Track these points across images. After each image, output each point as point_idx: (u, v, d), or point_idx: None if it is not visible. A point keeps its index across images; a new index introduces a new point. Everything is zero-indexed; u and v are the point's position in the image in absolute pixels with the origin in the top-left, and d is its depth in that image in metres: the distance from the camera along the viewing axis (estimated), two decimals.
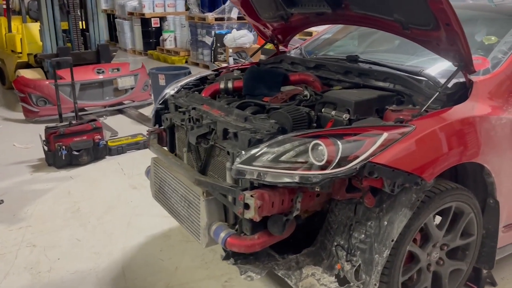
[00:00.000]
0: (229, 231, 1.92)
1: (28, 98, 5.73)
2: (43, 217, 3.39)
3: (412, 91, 2.13)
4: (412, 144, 1.73)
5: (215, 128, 2.07)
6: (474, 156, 1.91)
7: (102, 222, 3.32)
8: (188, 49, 10.07)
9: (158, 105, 2.62)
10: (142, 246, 3.01)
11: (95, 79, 6.01)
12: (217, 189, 1.89)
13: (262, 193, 1.77)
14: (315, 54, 3.02)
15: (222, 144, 1.99)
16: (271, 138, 1.82)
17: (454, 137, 1.85)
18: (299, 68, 2.73)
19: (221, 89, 2.53)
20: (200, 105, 2.27)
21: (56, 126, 4.31)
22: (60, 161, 4.26)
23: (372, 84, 2.29)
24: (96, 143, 4.43)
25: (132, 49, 12.08)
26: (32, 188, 3.92)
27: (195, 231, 2.08)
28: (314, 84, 2.47)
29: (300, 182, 1.69)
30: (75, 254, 2.92)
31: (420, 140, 1.74)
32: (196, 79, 2.84)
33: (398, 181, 1.70)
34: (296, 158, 1.74)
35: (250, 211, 1.76)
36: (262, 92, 2.41)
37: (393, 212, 1.79)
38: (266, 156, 1.76)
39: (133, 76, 6.34)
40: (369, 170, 1.67)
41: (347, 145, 1.69)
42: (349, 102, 2.01)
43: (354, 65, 2.46)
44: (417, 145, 1.73)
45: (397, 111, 2.01)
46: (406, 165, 1.70)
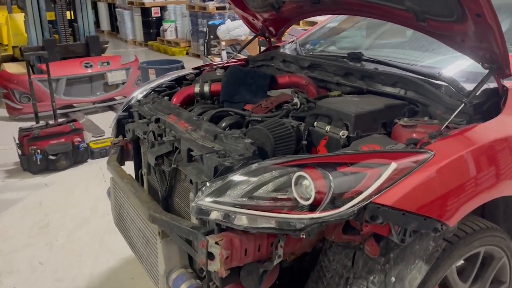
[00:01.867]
0: (191, 283, 1.51)
1: (11, 94, 5.36)
2: (6, 234, 3.01)
3: (428, 99, 1.69)
4: (430, 178, 1.28)
5: (179, 146, 1.64)
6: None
7: (71, 240, 2.93)
8: (189, 40, 9.63)
9: (120, 113, 2.20)
10: (112, 272, 2.62)
11: (82, 73, 5.61)
12: (175, 229, 1.47)
13: (231, 238, 1.34)
14: (312, 50, 2.56)
15: (186, 169, 1.57)
16: (244, 165, 1.40)
17: (486, 165, 1.41)
18: (291, 67, 2.29)
19: (196, 94, 2.10)
20: (166, 115, 1.85)
21: (31, 127, 3.92)
22: (35, 166, 3.88)
23: (378, 89, 1.85)
24: (75, 146, 4.04)
25: (132, 39, 11.67)
26: (2, 197, 3.54)
27: (154, 276, 1.67)
28: (308, 88, 2.04)
29: (280, 227, 1.27)
30: (34, 281, 2.53)
31: (441, 172, 1.30)
32: (171, 80, 2.41)
33: (410, 228, 1.27)
34: (276, 193, 1.31)
35: (215, 263, 1.34)
36: (244, 98, 1.98)
37: (403, 265, 1.36)
38: (236, 190, 1.33)
39: (124, 70, 5.92)
40: (372, 213, 1.23)
41: (342, 179, 1.26)
42: (348, 114, 1.57)
43: (356, 64, 2.02)
44: (436, 178, 1.29)
45: (409, 126, 1.57)
46: (422, 206, 1.26)
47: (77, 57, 5.85)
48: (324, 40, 2.88)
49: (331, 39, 2.89)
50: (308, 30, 3.00)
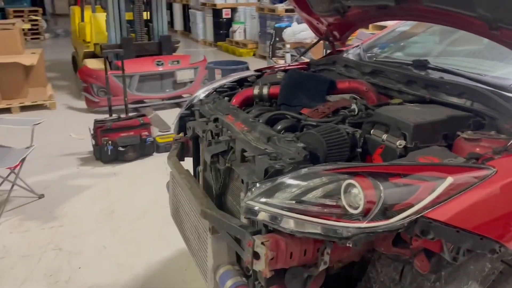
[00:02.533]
0: (237, 280, 1.54)
1: (90, 88, 5.77)
2: (77, 218, 3.26)
3: (496, 112, 1.59)
4: (490, 196, 1.21)
5: (234, 146, 1.69)
6: None
7: (133, 229, 3.11)
8: (256, 41, 9.77)
9: (183, 111, 2.30)
10: (168, 262, 2.74)
11: (154, 71, 5.91)
12: (224, 226, 1.51)
13: (277, 240, 1.36)
14: (376, 56, 2.50)
15: (239, 169, 1.61)
16: (295, 169, 1.40)
17: None
18: (353, 72, 2.25)
19: (255, 96, 2.14)
20: (225, 115, 1.90)
21: (104, 120, 4.20)
22: (106, 156, 4.15)
23: (442, 99, 1.77)
24: (143, 139, 4.27)
25: (203, 40, 12.05)
26: (75, 183, 3.83)
27: (203, 270, 1.73)
28: (368, 95, 1.99)
29: (325, 234, 1.26)
30: (97, 263, 2.72)
31: (502, 191, 1.22)
32: (233, 81, 2.47)
33: (464, 246, 1.21)
34: (324, 199, 1.30)
35: (260, 263, 1.36)
36: (301, 102, 1.98)
37: (455, 285, 1.30)
38: (285, 193, 1.35)
39: (193, 70, 6.15)
40: (423, 228, 1.19)
41: (393, 190, 1.23)
42: (407, 124, 1.52)
43: (421, 72, 1.94)
44: (497, 197, 1.22)
45: (473, 140, 1.49)
46: (479, 225, 1.20)
47: (150, 55, 6.15)
48: (393, 44, 2.79)
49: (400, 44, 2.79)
50: (375, 35, 2.92)
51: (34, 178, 3.77)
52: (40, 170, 4.03)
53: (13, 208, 3.36)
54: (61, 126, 5.27)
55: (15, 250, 2.84)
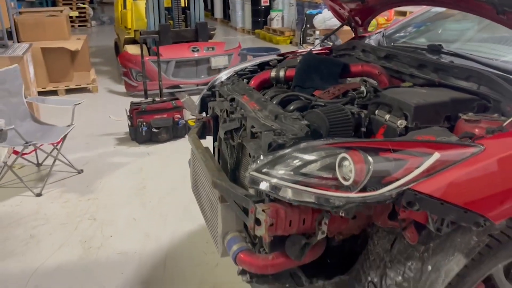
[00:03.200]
0: (242, 245, 1.68)
1: (129, 73, 6.04)
2: (111, 192, 3.50)
3: (501, 95, 1.62)
4: (475, 172, 1.27)
5: (245, 123, 1.81)
6: None
7: (161, 204, 3.31)
8: (293, 29, 9.78)
9: (205, 92, 2.44)
10: (190, 235, 2.92)
11: (190, 57, 6.09)
12: (231, 195, 1.65)
13: (277, 209, 1.48)
14: (395, 41, 2.53)
15: (248, 144, 1.73)
16: (296, 144, 1.51)
17: None
18: (369, 57, 2.31)
19: (272, 78, 2.24)
20: (240, 96, 2.03)
21: (140, 102, 4.43)
22: (141, 136, 4.39)
23: (450, 82, 1.81)
24: (175, 121, 4.47)
25: (241, 27, 12.19)
26: (111, 161, 4.09)
27: (214, 236, 1.88)
28: (380, 78, 2.06)
29: (319, 203, 1.37)
30: (127, 233, 2.94)
31: (488, 167, 1.27)
32: (254, 65, 2.58)
33: (448, 218, 1.27)
34: (321, 172, 1.41)
35: (260, 228, 1.48)
36: (315, 84, 2.07)
37: (441, 255, 1.37)
38: (285, 165, 1.46)
39: (227, 56, 6.29)
40: (409, 199, 1.27)
41: (382, 164, 1.31)
42: (408, 105, 1.59)
43: (432, 57, 1.98)
44: (482, 173, 1.27)
45: (472, 121, 1.53)
46: (463, 198, 1.26)
47: (187, 41, 6.35)
48: (427, 25, 2.77)
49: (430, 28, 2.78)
50: (398, 21, 2.94)
51: (74, 155, 4.06)
52: (81, 148, 4.33)
53: (54, 182, 3.65)
54: (102, 108, 5.58)
55: (55, 218, 3.11)
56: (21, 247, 2.78)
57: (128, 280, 2.49)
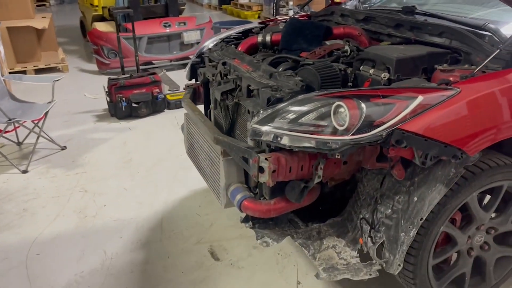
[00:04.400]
0: (245, 193, 1.83)
1: (100, 50, 5.97)
2: (98, 165, 3.56)
3: (471, 48, 1.81)
4: (453, 111, 1.46)
5: (240, 84, 1.94)
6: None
7: (150, 174, 3.41)
8: (261, 3, 9.82)
9: (194, 59, 2.53)
10: (183, 200, 3.05)
11: (162, 32, 6.08)
12: (234, 149, 1.78)
13: (278, 157, 1.63)
14: (370, 5, 2.70)
15: (245, 102, 1.86)
16: (293, 97, 1.65)
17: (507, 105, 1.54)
18: (348, 20, 2.46)
19: (259, 43, 2.36)
20: (231, 59, 2.14)
21: (117, 78, 4.45)
22: (121, 112, 4.42)
23: (425, 39, 1.99)
24: (154, 96, 4.52)
25: (208, 3, 12.10)
26: (93, 136, 4.13)
27: (216, 191, 2.02)
28: (360, 39, 2.22)
29: (318, 147, 1.53)
30: (120, 202, 3.03)
31: (463, 107, 1.47)
32: (238, 32, 2.69)
33: (431, 153, 1.46)
34: (317, 120, 1.56)
35: (264, 175, 1.63)
36: (301, 47, 2.20)
37: (425, 187, 1.56)
38: (285, 117, 1.60)
39: (199, 31, 6.32)
40: (397, 138, 1.45)
41: (373, 109, 1.47)
42: (390, 59, 1.76)
43: (408, 17, 2.15)
44: (459, 112, 1.46)
45: (447, 71, 1.72)
46: (443, 135, 1.45)
47: (157, 17, 6.31)
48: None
49: None
50: None
51: (55, 133, 4.06)
52: (60, 126, 4.32)
53: (39, 159, 3.66)
54: (75, 87, 5.53)
55: (45, 192, 3.16)
56: (17, 220, 2.83)
57: (128, 243, 2.61)
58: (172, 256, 2.49)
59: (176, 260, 2.46)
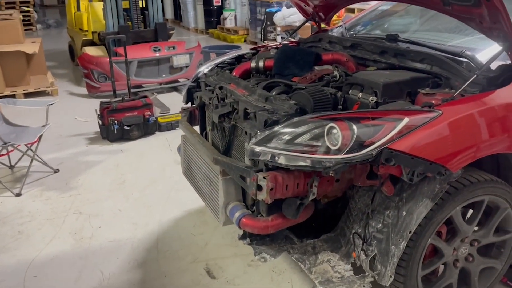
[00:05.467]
0: (244, 211, 1.92)
1: (90, 74, 6.05)
2: (92, 187, 3.61)
3: (450, 73, 1.97)
4: (436, 131, 1.60)
5: (237, 107, 2.05)
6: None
7: (143, 195, 3.47)
8: (247, 28, 10.07)
9: (190, 83, 2.65)
10: (178, 220, 3.11)
11: (151, 56, 6.20)
12: (233, 169, 1.88)
13: (275, 175, 1.74)
14: (356, 33, 2.87)
15: (242, 124, 1.98)
16: (288, 119, 1.77)
17: (491, 124, 1.68)
18: (336, 47, 2.62)
19: (252, 68, 2.50)
20: (227, 84, 2.26)
21: (110, 101, 4.53)
22: (113, 135, 4.49)
23: (408, 65, 2.15)
24: (146, 119, 4.60)
25: (194, 27, 12.30)
26: (86, 159, 4.17)
27: (214, 209, 2.10)
28: (348, 64, 2.36)
29: (313, 166, 1.64)
30: (115, 223, 3.08)
31: (445, 127, 1.60)
32: (232, 58, 2.82)
33: (417, 170, 1.59)
34: (312, 141, 1.68)
35: (262, 193, 1.74)
36: (293, 72, 2.34)
37: (413, 202, 1.68)
38: (281, 138, 1.72)
39: (188, 55, 6.46)
40: (386, 156, 1.57)
41: (364, 130, 1.60)
42: (377, 83, 1.90)
43: (392, 44, 2.31)
44: (441, 132, 1.60)
45: (429, 94, 1.87)
46: (428, 153, 1.58)
47: (146, 42, 6.44)
48: (375, 22, 3.14)
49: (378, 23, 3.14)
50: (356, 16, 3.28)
51: (47, 156, 4.10)
52: (52, 149, 4.36)
53: (32, 182, 3.69)
54: (65, 111, 5.58)
55: (40, 215, 3.19)
56: (12, 243, 2.85)
57: (124, 263, 2.65)
58: (169, 275, 2.55)
59: (173, 279, 2.51)
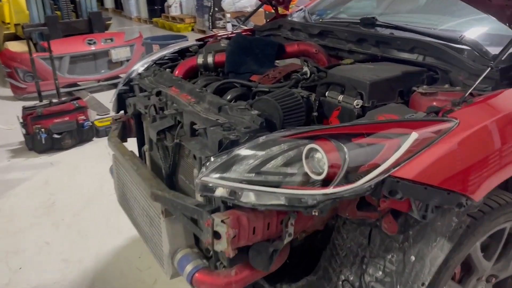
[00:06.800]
0: (197, 263, 1.43)
1: (14, 73, 5.28)
2: (12, 214, 2.97)
3: (449, 65, 1.57)
4: (455, 148, 1.17)
5: (182, 120, 1.55)
6: None
7: (77, 220, 2.89)
8: (194, 15, 9.43)
9: (121, 87, 2.10)
10: (119, 251, 2.57)
11: (86, 50, 5.51)
12: (179, 208, 1.38)
13: (238, 217, 1.26)
14: (321, 18, 2.42)
15: (189, 144, 1.47)
16: (251, 138, 1.30)
17: None
18: (300, 35, 2.16)
19: (199, 65, 1.98)
20: (168, 88, 1.75)
21: (34, 106, 3.85)
22: (40, 145, 3.82)
23: (394, 56, 1.73)
24: (80, 124, 3.97)
25: (137, 17, 11.52)
26: (7, 177, 3.50)
27: (159, 257, 1.59)
28: (318, 57, 1.91)
29: (290, 205, 1.18)
30: (40, 262, 2.49)
31: (466, 142, 1.18)
32: (173, 52, 2.29)
33: (432, 203, 1.16)
34: (285, 168, 1.21)
35: (221, 242, 1.25)
36: (250, 69, 1.86)
37: (423, 243, 1.26)
38: (243, 164, 1.24)
39: (128, 47, 5.81)
40: (390, 188, 1.13)
41: (358, 151, 1.15)
42: (363, 82, 1.46)
43: (370, 30, 1.88)
44: (461, 149, 1.18)
45: (429, 94, 1.45)
46: (445, 179, 1.15)
47: (80, 34, 5.72)
48: (331, 10, 2.72)
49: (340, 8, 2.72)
50: None
51: None
52: None
53: None
54: None
55: None
56: None
57: None
58: None
59: None
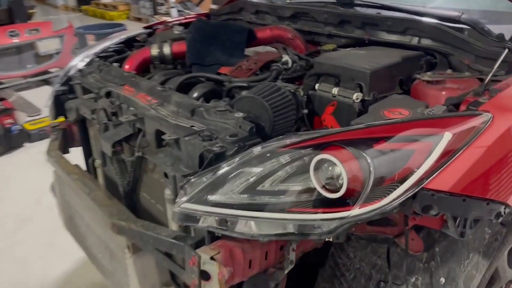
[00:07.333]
0: None
1: None
2: None
3: (451, 47, 1.37)
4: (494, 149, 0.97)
5: (143, 128, 1.23)
6: None
7: (12, 243, 2.46)
8: (128, 2, 8.80)
9: (58, 87, 1.72)
10: (67, 277, 2.21)
11: (7, 43, 4.88)
12: (150, 242, 1.08)
13: (231, 250, 0.99)
14: None
15: (156, 158, 1.17)
16: (241, 149, 1.02)
17: None
18: (267, 19, 1.89)
19: (154, 57, 1.66)
20: (120, 87, 1.41)
21: None
22: None
23: (383, 39, 1.51)
24: (7, 128, 3.46)
25: (64, 5, 10.66)
26: None
27: None
28: (295, 43, 1.66)
29: (300, 233, 0.92)
30: None
31: (504, 140, 0.99)
32: (118, 43, 1.94)
33: (471, 217, 0.96)
34: (288, 185, 0.96)
35: (212, 284, 0.98)
36: (218, 60, 1.57)
37: (454, 261, 1.06)
38: (234, 184, 0.96)
39: (57, 38, 5.22)
40: (425, 203, 0.91)
41: (382, 160, 0.91)
42: (362, 72, 1.23)
43: (353, 11, 1.65)
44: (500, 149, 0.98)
45: (436, 82, 1.25)
46: (484, 186, 0.96)
47: None
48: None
49: None
50: None
51: None
52: None
53: None
54: None
55: None
56: None
57: None
58: None
59: None
